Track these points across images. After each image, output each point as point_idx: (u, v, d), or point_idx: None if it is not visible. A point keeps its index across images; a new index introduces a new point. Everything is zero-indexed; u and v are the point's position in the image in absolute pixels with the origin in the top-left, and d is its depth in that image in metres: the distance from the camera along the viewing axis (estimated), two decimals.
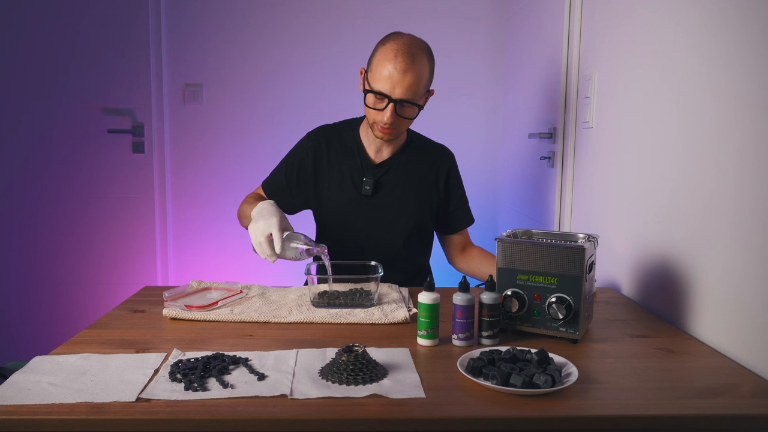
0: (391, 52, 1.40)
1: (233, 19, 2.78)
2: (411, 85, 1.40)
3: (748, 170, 1.05)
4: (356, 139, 1.60)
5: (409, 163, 1.60)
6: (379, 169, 1.58)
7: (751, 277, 1.04)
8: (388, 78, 1.39)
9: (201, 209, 2.88)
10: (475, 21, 2.85)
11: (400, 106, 1.42)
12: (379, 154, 1.59)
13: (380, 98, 1.42)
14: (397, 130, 1.48)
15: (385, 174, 1.58)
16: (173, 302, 1.29)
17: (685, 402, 0.88)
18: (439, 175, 1.63)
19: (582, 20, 1.86)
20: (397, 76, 1.39)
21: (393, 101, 1.41)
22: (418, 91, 1.43)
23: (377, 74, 1.41)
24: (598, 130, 1.74)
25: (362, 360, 0.94)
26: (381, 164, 1.59)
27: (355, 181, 1.58)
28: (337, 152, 1.60)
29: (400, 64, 1.39)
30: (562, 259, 1.10)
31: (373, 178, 1.57)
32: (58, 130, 2.72)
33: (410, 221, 1.60)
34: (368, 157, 1.59)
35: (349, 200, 1.58)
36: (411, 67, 1.39)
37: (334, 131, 1.63)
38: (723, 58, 1.13)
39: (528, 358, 0.98)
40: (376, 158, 1.59)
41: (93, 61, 2.68)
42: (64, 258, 2.78)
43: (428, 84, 1.47)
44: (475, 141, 2.91)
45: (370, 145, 1.58)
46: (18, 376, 0.92)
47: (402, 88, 1.39)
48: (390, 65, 1.39)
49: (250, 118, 2.83)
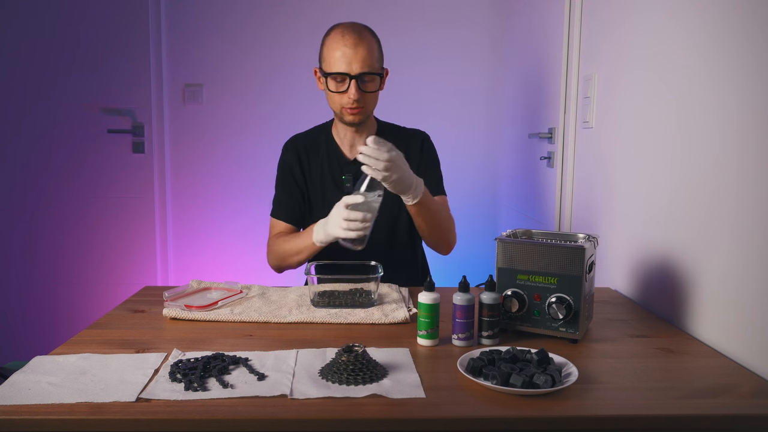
0: (337, 35, 1.46)
1: (233, 19, 2.78)
2: (365, 58, 1.44)
3: (749, 170, 1.05)
4: (330, 140, 1.63)
5: None
6: (355, 165, 1.59)
7: (751, 277, 1.04)
8: (342, 57, 1.44)
9: (201, 209, 2.88)
10: (475, 21, 2.85)
11: (362, 81, 1.46)
12: (353, 149, 1.60)
13: (341, 79, 1.46)
14: (365, 108, 1.50)
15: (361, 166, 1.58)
16: (173, 302, 1.29)
17: (685, 402, 0.88)
18: (413, 157, 1.61)
19: (582, 20, 1.86)
20: (349, 52, 1.43)
21: (353, 77, 1.44)
22: (374, 63, 1.46)
23: (330, 59, 1.46)
24: (598, 130, 1.74)
25: (362, 360, 0.94)
26: (356, 159, 1.59)
27: (336, 180, 1.60)
28: (314, 156, 1.63)
29: (349, 41, 1.44)
30: (562, 259, 1.10)
31: (352, 174, 1.59)
32: (59, 131, 2.72)
33: (392, 212, 1.60)
34: (343, 154, 1.61)
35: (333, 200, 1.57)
36: (360, 41, 1.44)
37: (307, 136, 1.66)
38: (723, 58, 1.13)
39: (528, 358, 0.98)
40: (351, 154, 1.61)
41: (93, 62, 2.68)
42: (64, 258, 2.78)
43: (380, 59, 1.51)
44: (475, 141, 2.91)
45: (344, 143, 1.61)
46: (18, 376, 0.92)
47: (358, 62, 1.44)
48: (340, 45, 1.44)
49: (250, 118, 2.83)
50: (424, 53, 2.84)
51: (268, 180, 1.68)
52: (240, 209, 2.85)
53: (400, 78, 2.64)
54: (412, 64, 2.81)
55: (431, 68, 2.85)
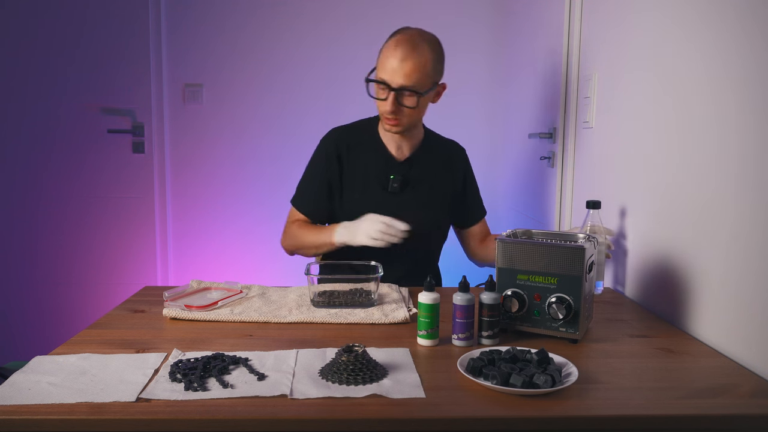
0: (392, 43, 1.45)
1: (233, 20, 2.78)
2: (409, 73, 1.42)
3: (749, 169, 1.05)
4: (376, 137, 1.61)
5: (429, 159, 1.62)
6: (404, 166, 1.59)
7: (751, 276, 1.04)
8: (389, 68, 1.43)
9: (201, 209, 2.88)
10: (475, 21, 2.85)
11: (400, 95, 1.45)
12: (400, 151, 1.60)
13: (383, 88, 1.46)
14: (401, 121, 1.49)
15: (410, 170, 1.59)
16: (173, 302, 1.29)
17: (685, 402, 0.88)
18: (457, 170, 1.66)
19: (582, 20, 1.86)
20: (396, 64, 1.43)
21: (392, 89, 1.44)
22: (419, 80, 1.44)
23: (381, 66, 1.46)
24: (598, 130, 1.74)
25: (362, 360, 0.94)
26: (406, 161, 1.60)
27: (380, 179, 1.58)
28: (357, 151, 1.60)
29: (400, 53, 1.42)
30: (562, 259, 1.10)
31: (400, 174, 1.58)
32: (59, 131, 2.72)
33: (434, 217, 1.62)
34: (392, 155, 1.60)
35: (375, 198, 1.57)
36: (410, 55, 1.42)
37: (351, 131, 1.63)
38: (723, 58, 1.13)
39: (528, 358, 0.97)
40: (399, 155, 1.60)
41: (93, 62, 2.68)
42: (64, 258, 2.78)
43: (432, 74, 1.47)
44: (475, 141, 2.90)
45: (390, 142, 1.59)
46: (18, 376, 0.92)
47: (400, 75, 1.42)
48: (390, 54, 1.44)
49: (250, 118, 2.83)
50: None
51: (268, 180, 1.68)
52: (240, 209, 2.85)
53: None
54: None
55: None
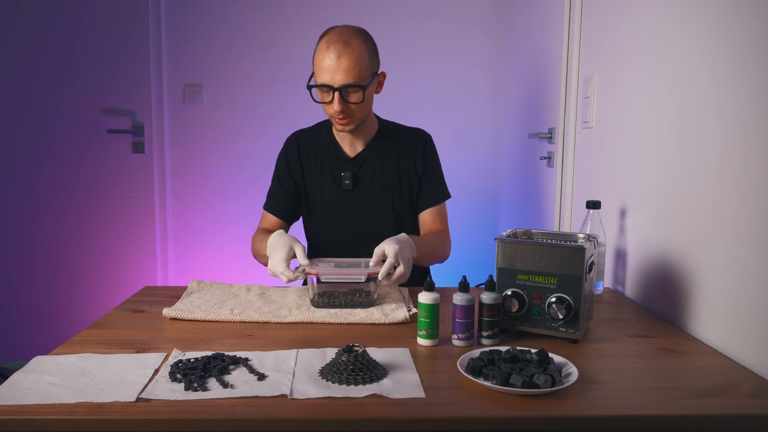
0: (324, 45, 1.45)
1: (233, 19, 2.78)
2: (348, 69, 1.42)
3: (749, 170, 1.05)
4: (330, 137, 1.63)
5: (384, 152, 1.62)
6: (355, 162, 1.61)
7: (751, 277, 1.04)
8: (327, 69, 1.43)
9: (201, 209, 2.88)
10: (475, 21, 2.85)
11: (345, 93, 1.45)
12: (352, 147, 1.61)
13: (326, 91, 1.46)
14: (352, 118, 1.49)
15: (361, 166, 1.60)
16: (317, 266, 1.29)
17: (685, 402, 0.88)
18: (416, 158, 1.63)
19: (582, 20, 1.86)
20: (333, 64, 1.42)
21: (335, 89, 1.44)
22: (359, 74, 1.44)
23: (318, 70, 1.46)
24: (598, 130, 1.74)
25: (362, 360, 0.94)
26: (356, 157, 1.61)
27: (335, 177, 1.61)
28: (314, 151, 1.63)
29: (334, 52, 1.42)
30: (562, 259, 1.10)
31: (351, 171, 1.59)
32: (59, 130, 2.72)
33: (393, 210, 1.61)
34: (343, 151, 1.61)
35: (333, 196, 1.61)
36: (344, 52, 1.42)
37: (308, 132, 1.67)
38: (723, 57, 1.13)
39: (528, 358, 0.97)
40: (351, 152, 1.61)
41: (93, 62, 2.68)
42: (64, 258, 2.78)
43: (370, 65, 1.48)
44: (475, 141, 2.91)
45: (344, 140, 1.61)
46: (18, 376, 0.92)
47: (340, 74, 1.42)
48: (325, 57, 1.43)
49: (250, 118, 2.83)
50: (424, 53, 2.84)
51: (268, 179, 1.68)
52: (240, 209, 2.85)
53: (400, 78, 2.65)
54: (412, 64, 2.81)
55: (431, 68, 2.85)
